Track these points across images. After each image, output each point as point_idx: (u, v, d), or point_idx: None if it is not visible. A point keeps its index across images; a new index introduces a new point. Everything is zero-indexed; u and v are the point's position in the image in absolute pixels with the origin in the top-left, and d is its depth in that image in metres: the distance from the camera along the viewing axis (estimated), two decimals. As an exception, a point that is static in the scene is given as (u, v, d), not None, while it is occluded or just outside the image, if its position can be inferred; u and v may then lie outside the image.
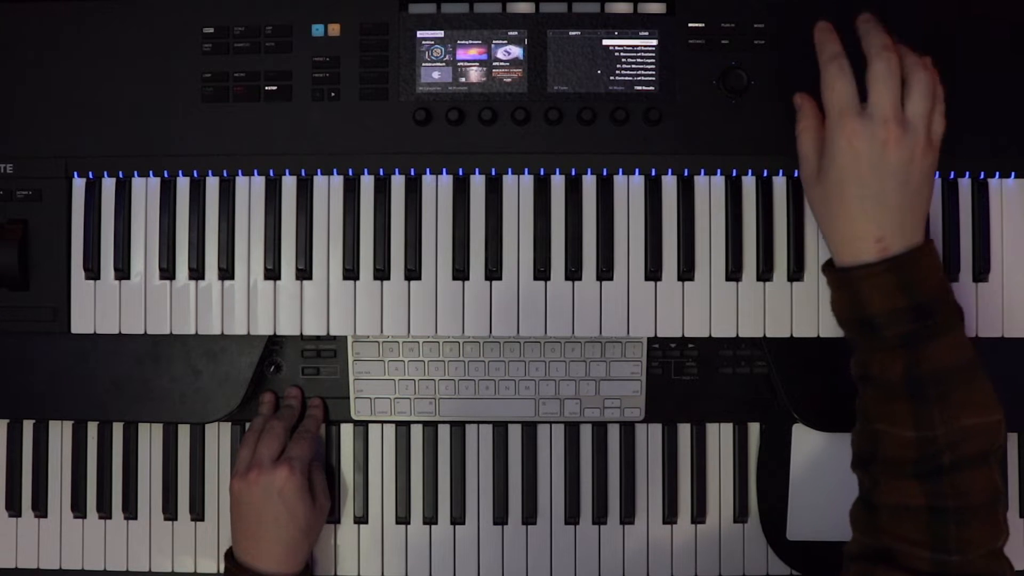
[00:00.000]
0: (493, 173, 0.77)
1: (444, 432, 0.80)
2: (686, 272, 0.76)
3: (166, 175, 0.77)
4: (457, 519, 0.80)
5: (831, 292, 0.67)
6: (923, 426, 0.60)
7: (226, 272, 0.76)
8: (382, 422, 0.80)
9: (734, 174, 0.76)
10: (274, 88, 0.76)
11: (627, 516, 0.80)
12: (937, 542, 0.60)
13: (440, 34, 0.76)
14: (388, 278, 0.76)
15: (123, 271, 0.77)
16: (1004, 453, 0.64)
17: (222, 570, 0.79)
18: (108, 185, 0.77)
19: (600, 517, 0.79)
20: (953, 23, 0.76)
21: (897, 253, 0.63)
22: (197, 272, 0.77)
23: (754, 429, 0.80)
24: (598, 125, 0.76)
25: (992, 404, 0.62)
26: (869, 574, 0.62)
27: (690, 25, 0.76)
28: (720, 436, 0.80)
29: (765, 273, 0.76)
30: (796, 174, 0.76)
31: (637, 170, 0.76)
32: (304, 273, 0.76)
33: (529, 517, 0.79)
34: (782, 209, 0.76)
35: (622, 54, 0.76)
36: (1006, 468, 0.78)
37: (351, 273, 0.76)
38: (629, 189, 0.76)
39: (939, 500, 0.60)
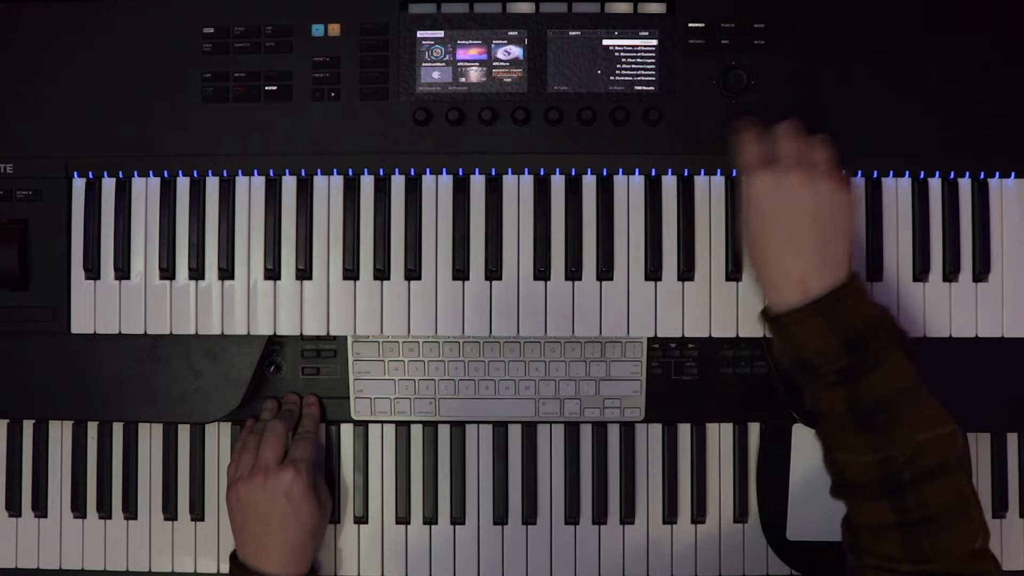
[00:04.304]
0: (493, 173, 0.77)
1: (444, 432, 0.80)
2: (686, 272, 0.76)
3: (166, 175, 0.77)
4: (457, 519, 0.80)
5: (773, 339, 0.69)
6: (879, 449, 0.62)
7: (226, 272, 0.76)
8: (382, 422, 0.80)
9: (734, 174, 0.76)
10: (274, 88, 0.76)
11: (627, 516, 0.79)
12: (913, 555, 0.61)
13: (440, 34, 0.76)
14: (388, 278, 0.76)
15: (123, 271, 0.77)
16: (968, 460, 0.64)
17: (223, 570, 0.79)
18: (108, 185, 0.77)
19: (600, 517, 0.79)
20: (954, 26, 0.76)
21: (820, 295, 0.64)
22: (197, 272, 0.77)
23: (754, 429, 0.80)
24: (598, 125, 0.76)
25: (942, 418, 0.63)
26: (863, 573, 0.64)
27: (690, 25, 0.76)
28: (720, 436, 0.80)
29: (765, 273, 0.76)
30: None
31: (637, 170, 0.76)
32: (304, 273, 0.76)
33: (529, 517, 0.79)
34: (782, 209, 0.76)
35: (622, 54, 0.76)
36: (1004, 471, 0.79)
37: (351, 273, 0.76)
38: (629, 189, 0.76)
39: (907, 515, 0.61)
